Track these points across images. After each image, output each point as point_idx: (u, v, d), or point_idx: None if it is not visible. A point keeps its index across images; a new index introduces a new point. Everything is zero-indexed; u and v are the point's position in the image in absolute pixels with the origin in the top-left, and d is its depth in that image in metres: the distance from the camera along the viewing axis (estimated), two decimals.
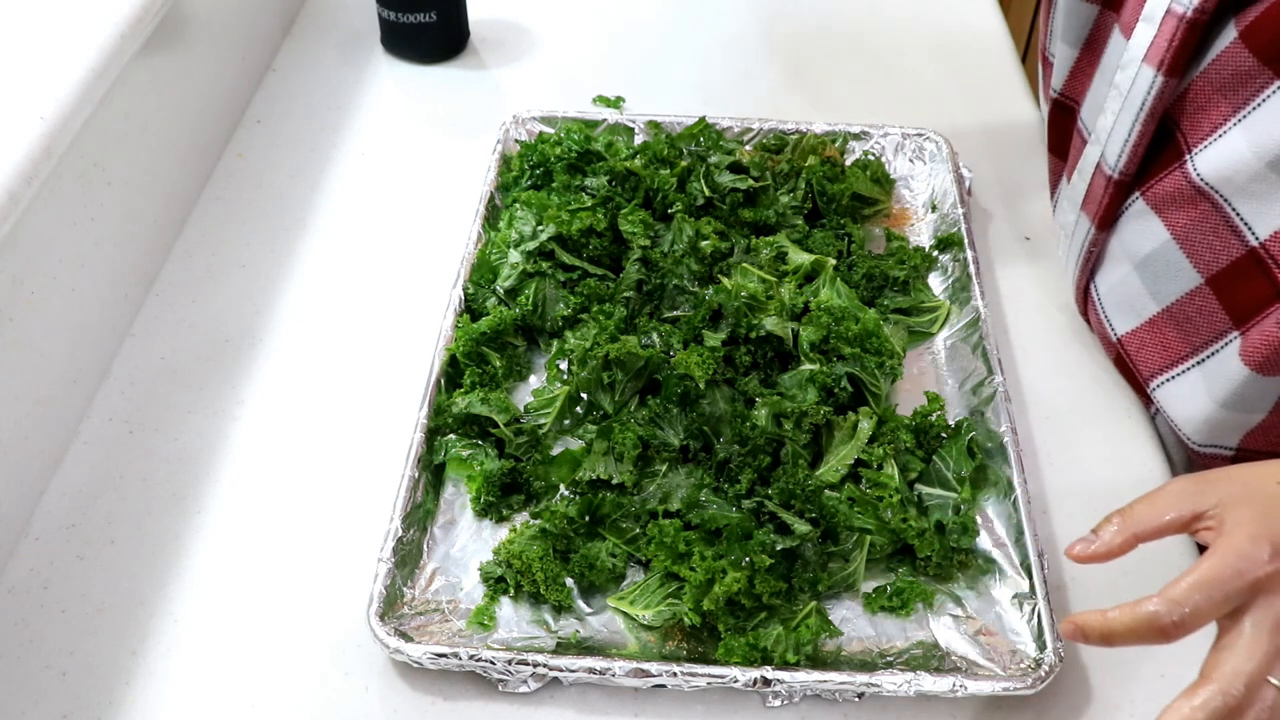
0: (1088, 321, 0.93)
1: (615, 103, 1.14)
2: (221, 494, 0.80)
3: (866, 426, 0.79)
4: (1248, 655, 0.54)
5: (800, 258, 0.91)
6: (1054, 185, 0.97)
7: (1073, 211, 0.88)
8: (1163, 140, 0.79)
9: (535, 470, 0.79)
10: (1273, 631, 0.54)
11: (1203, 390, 0.79)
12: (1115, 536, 0.58)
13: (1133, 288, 0.84)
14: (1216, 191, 0.74)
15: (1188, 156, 0.76)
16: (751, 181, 0.99)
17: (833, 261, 0.91)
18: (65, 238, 0.82)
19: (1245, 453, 0.80)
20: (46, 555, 0.76)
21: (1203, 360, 0.79)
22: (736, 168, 1.01)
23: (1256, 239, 0.72)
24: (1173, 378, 0.82)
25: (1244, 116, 0.71)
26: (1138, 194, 0.81)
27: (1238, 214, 0.73)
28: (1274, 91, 0.69)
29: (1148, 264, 0.81)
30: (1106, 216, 0.84)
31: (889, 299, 0.92)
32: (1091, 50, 0.87)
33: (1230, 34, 0.71)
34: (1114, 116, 0.80)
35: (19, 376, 0.77)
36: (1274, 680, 0.54)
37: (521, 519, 0.78)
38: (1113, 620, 0.56)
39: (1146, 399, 0.87)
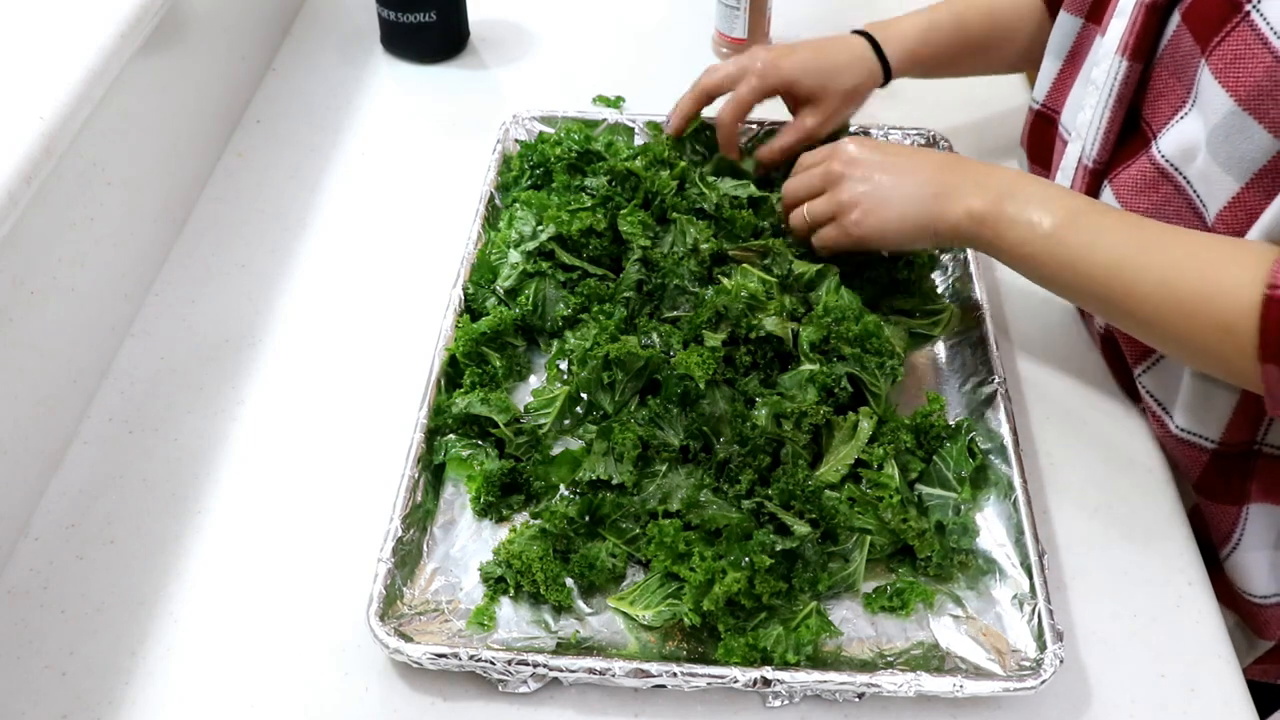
0: (1082, 315, 0.94)
1: (615, 103, 1.14)
2: (221, 494, 0.80)
3: (866, 426, 0.79)
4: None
5: (804, 267, 0.90)
6: None
7: None
8: (1131, 132, 0.82)
9: (535, 470, 0.79)
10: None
11: (1177, 370, 0.80)
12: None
13: None
14: (1179, 172, 0.76)
15: (1153, 143, 0.78)
16: (753, 189, 0.98)
17: (837, 270, 0.89)
18: (65, 238, 0.82)
19: (1227, 446, 0.80)
20: (46, 555, 0.76)
21: None
22: (736, 172, 1.01)
23: (1210, 219, 0.74)
24: (1150, 367, 0.83)
25: (1196, 97, 0.74)
26: (1106, 183, 0.83)
27: (1196, 194, 0.75)
28: (1201, 67, 0.72)
29: None
30: None
31: (891, 300, 0.91)
32: (1073, 62, 0.91)
33: (1175, 19, 0.76)
34: (1092, 110, 0.83)
35: (19, 376, 0.77)
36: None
37: (521, 519, 0.78)
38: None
39: (1134, 395, 0.87)
